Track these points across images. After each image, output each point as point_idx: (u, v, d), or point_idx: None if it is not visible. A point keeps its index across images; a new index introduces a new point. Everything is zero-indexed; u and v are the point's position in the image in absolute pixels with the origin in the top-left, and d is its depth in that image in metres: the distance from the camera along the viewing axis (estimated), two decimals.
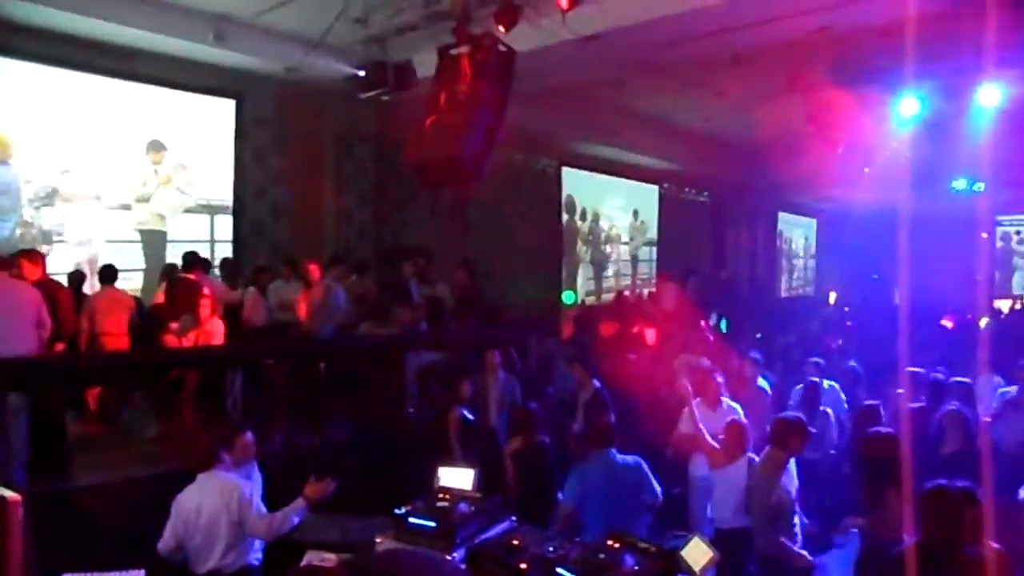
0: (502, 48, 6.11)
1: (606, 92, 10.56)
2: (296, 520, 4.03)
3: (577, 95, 10.51)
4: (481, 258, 10.83)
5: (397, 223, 10.75)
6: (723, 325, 12.55)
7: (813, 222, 22.20)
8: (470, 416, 6.20)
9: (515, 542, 2.86)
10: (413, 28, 7.79)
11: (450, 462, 4.57)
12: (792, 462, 5.07)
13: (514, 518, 3.21)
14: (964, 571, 3.43)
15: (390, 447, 6.43)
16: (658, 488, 4.89)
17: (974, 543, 3.70)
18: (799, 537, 5.02)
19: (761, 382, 7.32)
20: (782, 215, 20.07)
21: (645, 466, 4.83)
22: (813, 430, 5.74)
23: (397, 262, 9.27)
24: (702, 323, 12.54)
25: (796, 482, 5.17)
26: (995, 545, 3.79)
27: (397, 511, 3.10)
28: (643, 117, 12.15)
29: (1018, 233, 22.26)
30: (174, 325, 6.67)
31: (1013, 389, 7.47)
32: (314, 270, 7.96)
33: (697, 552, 2.65)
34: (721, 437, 5.38)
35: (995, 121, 8.95)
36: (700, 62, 9.39)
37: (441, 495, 3.26)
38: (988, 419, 6.45)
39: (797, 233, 21.85)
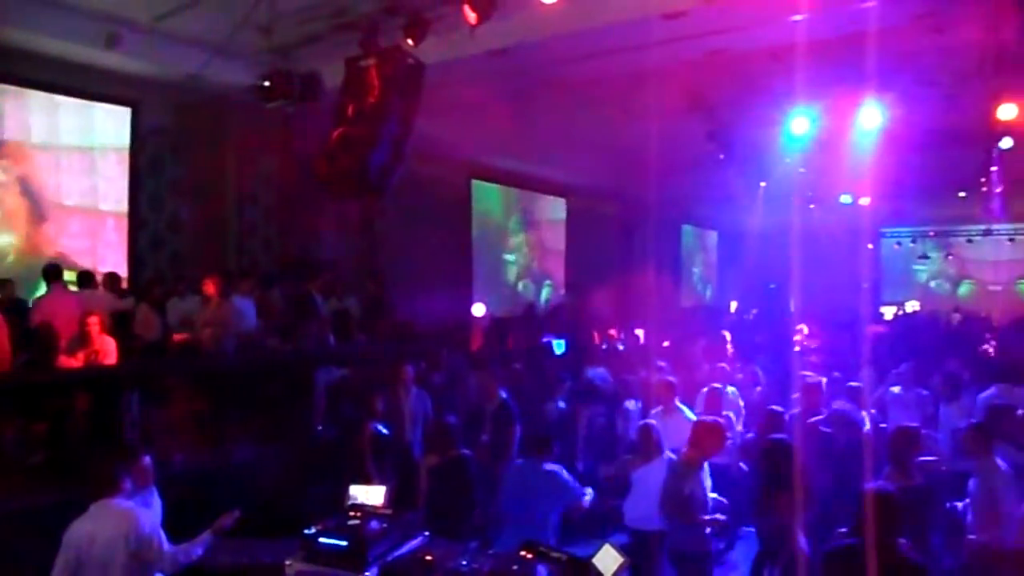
0: (410, 61, 6.12)
1: (515, 106, 10.68)
2: (200, 551, 3.86)
3: (486, 108, 10.59)
4: (390, 271, 10.73)
5: (304, 236, 10.52)
6: (638, 335, 12.86)
7: (715, 234, 23.07)
8: (384, 431, 6.12)
9: (428, 558, 2.85)
10: (320, 38, 7.68)
11: (363, 479, 4.50)
12: (707, 464, 5.33)
13: (427, 533, 3.19)
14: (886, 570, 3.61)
15: (299, 466, 6.26)
16: (586, 491, 4.95)
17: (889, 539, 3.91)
18: (710, 536, 5.23)
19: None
20: (686, 227, 20.77)
21: (563, 474, 4.87)
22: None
23: (304, 276, 9.07)
24: (612, 332, 12.84)
25: (710, 485, 5.39)
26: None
27: (306, 532, 3.02)
28: (551, 131, 12.34)
29: (899, 244, 23.80)
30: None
31: (897, 389, 8.00)
32: (210, 285, 7.64)
33: (608, 559, 2.70)
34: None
35: (877, 140, 9.57)
36: (606, 78, 9.64)
37: (352, 513, 3.21)
38: (869, 413, 6.81)
39: (700, 244, 22.66)
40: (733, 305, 20.20)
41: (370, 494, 3.58)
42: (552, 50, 8.05)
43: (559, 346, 11.24)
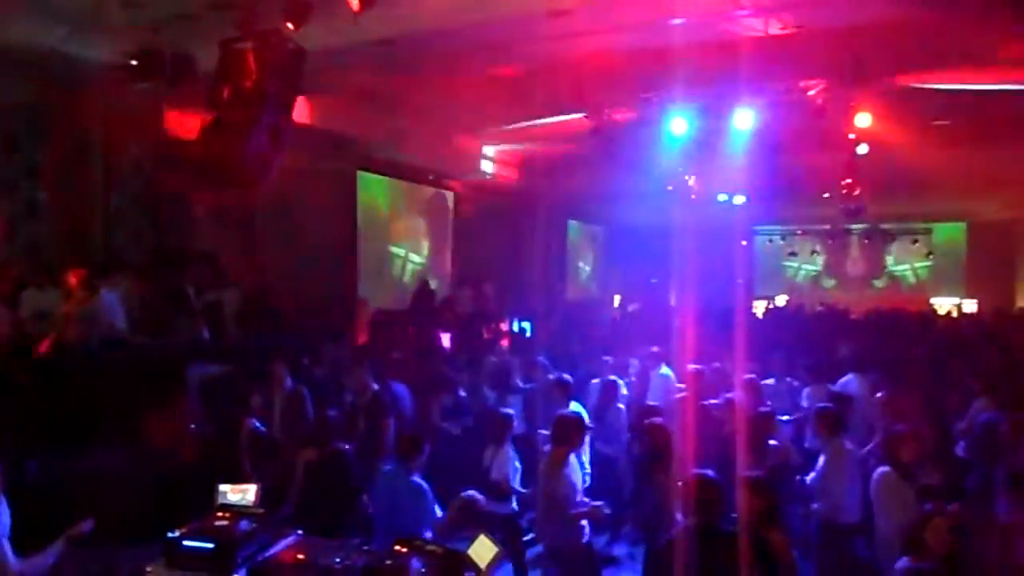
0: (291, 46, 5.91)
1: (403, 97, 10.56)
2: (51, 560, 3.60)
3: (374, 98, 10.42)
4: (271, 264, 10.38)
5: (176, 225, 9.99)
6: (526, 328, 13.01)
7: (600, 229, 23.60)
8: (262, 428, 5.93)
9: (300, 557, 2.78)
10: (194, 17, 7.30)
11: (239, 478, 4.34)
12: (573, 457, 5.42)
13: (300, 532, 3.11)
14: (726, 550, 3.80)
15: (170, 467, 5.96)
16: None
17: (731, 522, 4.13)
18: (586, 527, 5.34)
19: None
20: (572, 222, 21.14)
21: (428, 495, 4.87)
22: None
23: (177, 268, 8.63)
24: (499, 326, 12.93)
25: (583, 475, 5.52)
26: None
27: (170, 535, 2.88)
28: (440, 123, 12.28)
29: (770, 241, 25.18)
30: None
31: (771, 381, 8.46)
32: (73, 277, 7.14)
33: (483, 550, 2.72)
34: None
35: (750, 142, 10.06)
36: (494, 72, 9.68)
37: (221, 514, 3.08)
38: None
39: (586, 239, 23.13)
40: (617, 299, 20.79)
41: (241, 493, 3.45)
42: (439, 42, 8.00)
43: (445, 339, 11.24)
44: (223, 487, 3.54)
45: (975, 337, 12.46)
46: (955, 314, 19.99)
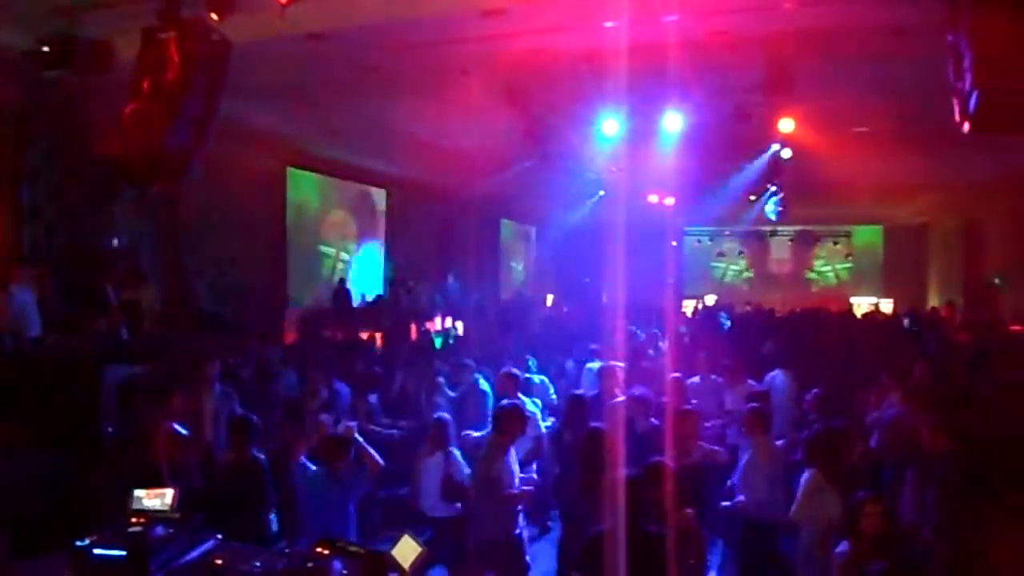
0: (215, 37, 5.74)
1: (334, 93, 10.38)
2: None
3: (304, 94, 10.21)
4: (196, 261, 10.08)
5: (94, 221, 9.60)
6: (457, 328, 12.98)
7: (533, 229, 23.72)
8: (183, 431, 5.73)
9: (218, 562, 2.69)
10: (112, 4, 7.02)
11: (158, 483, 4.20)
12: (512, 448, 5.48)
13: (219, 537, 3.01)
14: (645, 548, 3.86)
15: (84, 473, 5.71)
16: None
17: (659, 518, 4.18)
18: (520, 517, 5.44)
19: (483, 384, 7.74)
20: (505, 222, 21.19)
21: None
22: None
23: (94, 265, 8.28)
24: (430, 326, 12.86)
25: (517, 469, 5.56)
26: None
27: (78, 543, 2.75)
28: (372, 121, 12.12)
29: (699, 242, 25.78)
30: None
31: (696, 379, 8.63)
32: None
33: (407, 550, 2.69)
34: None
35: (679, 144, 10.26)
36: (428, 70, 9.59)
37: (135, 520, 2.96)
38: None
39: (519, 239, 23.21)
40: (550, 299, 20.91)
41: (156, 498, 3.32)
42: (371, 38, 7.90)
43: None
44: (138, 492, 3.40)
45: (890, 334, 13.00)
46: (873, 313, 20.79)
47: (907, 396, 6.48)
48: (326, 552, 2.57)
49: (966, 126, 3.95)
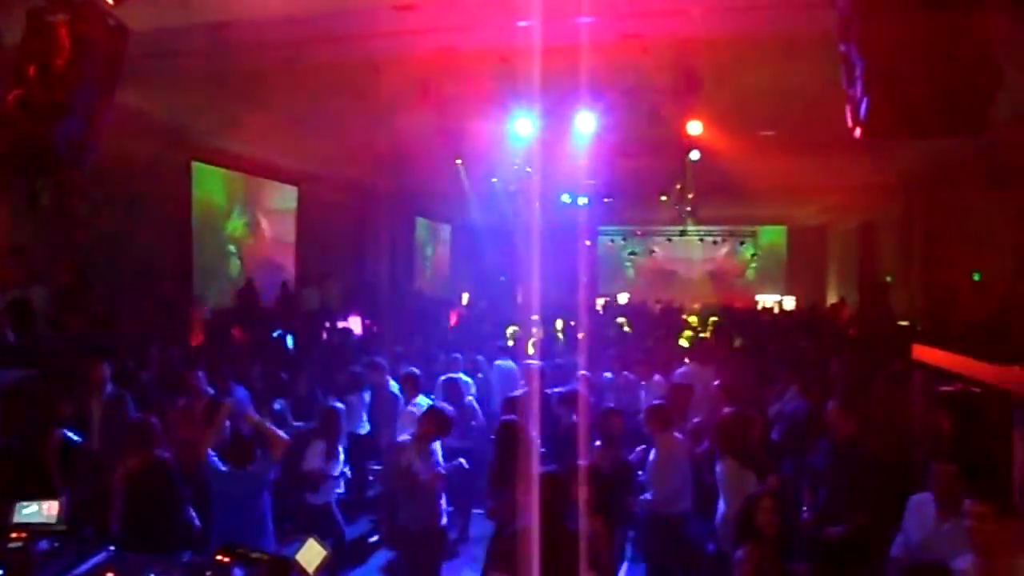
0: (111, 22, 5.44)
1: (243, 86, 10.04)
2: None
3: (211, 86, 9.84)
4: (93, 259, 9.58)
5: None
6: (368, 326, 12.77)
7: (448, 227, 23.64)
8: (75, 438, 5.44)
9: (110, 575, 2.55)
10: None
11: (47, 493, 3.95)
12: (437, 445, 5.56)
13: (112, 548, 2.86)
14: (564, 545, 3.89)
15: None
16: None
17: (575, 516, 4.22)
18: (444, 514, 5.52)
19: (392, 385, 7.70)
20: (420, 220, 21.03)
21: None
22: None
23: None
24: (343, 324, 12.63)
25: (443, 465, 5.57)
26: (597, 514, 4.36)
27: None
28: (282, 115, 11.80)
29: (612, 241, 26.27)
30: None
31: (610, 375, 8.79)
32: None
33: (311, 554, 2.62)
34: None
35: (592, 145, 10.39)
36: (338, 65, 9.40)
37: (15, 534, 2.78)
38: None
39: (434, 237, 23.09)
40: (465, 297, 20.89)
41: (40, 510, 3.11)
42: (279, 29, 7.68)
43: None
44: (19, 504, 3.18)
45: (791, 330, 13.56)
46: (776, 310, 21.68)
47: (804, 389, 6.76)
48: (226, 560, 2.48)
49: (858, 131, 4.12)
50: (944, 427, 5.35)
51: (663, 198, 16.22)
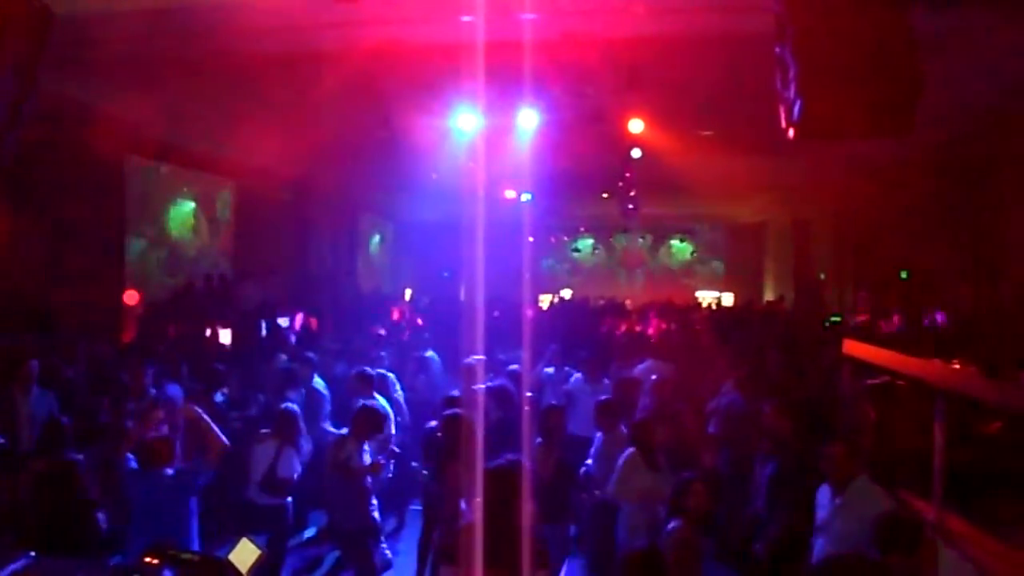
0: (34, 3, 5.21)
1: (180, 77, 9.75)
2: None
3: (146, 76, 9.53)
4: (17, 252, 9.22)
5: None
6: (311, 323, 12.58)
7: (391, 223, 23.46)
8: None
9: None
10: None
11: None
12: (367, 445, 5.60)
13: (33, 554, 2.74)
14: (508, 539, 3.90)
15: None
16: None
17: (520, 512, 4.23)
18: (376, 509, 5.58)
19: (317, 382, 7.62)
20: (363, 216, 20.80)
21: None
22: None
23: None
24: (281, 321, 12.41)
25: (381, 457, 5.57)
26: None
27: None
28: (221, 108, 11.50)
29: (555, 238, 26.46)
30: None
31: (551, 370, 8.85)
32: None
33: (245, 553, 2.57)
34: None
35: (535, 141, 10.43)
36: (278, 56, 9.21)
37: None
38: (530, 394, 7.44)
39: (377, 233, 22.88)
40: (408, 293, 20.75)
41: None
42: (218, 17, 7.49)
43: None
44: None
45: (728, 326, 13.86)
46: (715, 306, 22.13)
47: (739, 384, 6.92)
48: (155, 562, 2.40)
49: (791, 132, 4.23)
50: (871, 418, 5.55)
51: (605, 195, 16.39)
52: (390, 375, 8.12)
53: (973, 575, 3.82)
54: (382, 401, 7.05)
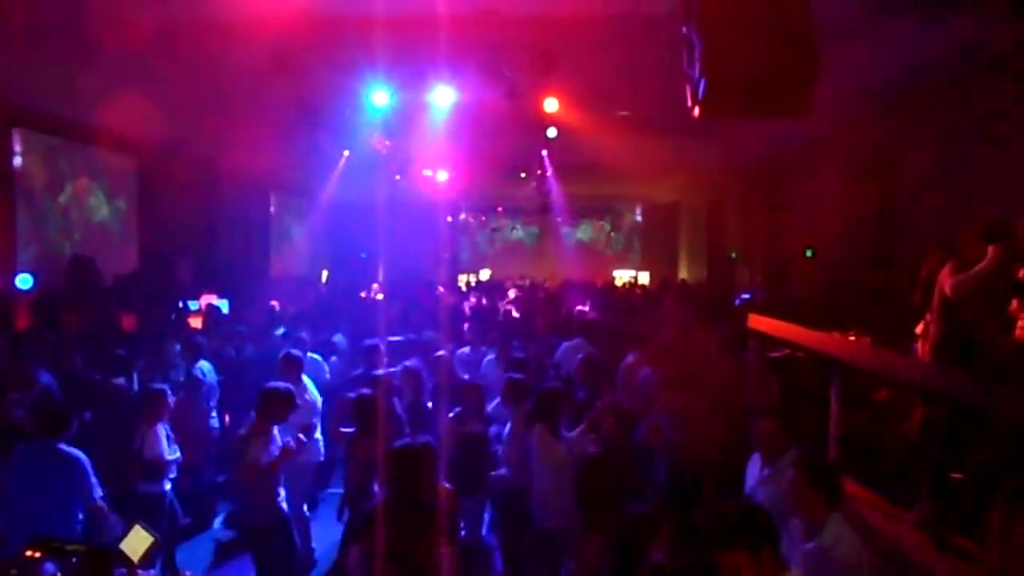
0: None
1: (71, 46, 9.18)
2: None
3: (32, 44, 8.93)
4: None
5: None
6: (224, 305, 12.18)
7: (306, 202, 22.89)
8: None
9: None
10: None
11: None
12: (276, 430, 5.42)
13: None
14: (419, 518, 3.89)
15: None
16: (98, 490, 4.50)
17: (430, 489, 4.22)
18: (283, 498, 5.38)
19: (204, 364, 7.58)
20: (275, 194, 20.19)
21: (84, 463, 4.40)
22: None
23: None
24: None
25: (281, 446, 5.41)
26: (447, 485, 4.40)
27: None
28: (120, 81, 10.89)
29: (473, 218, 26.42)
30: None
31: (467, 349, 8.85)
32: None
33: (137, 541, 2.47)
34: None
35: (451, 119, 10.34)
36: (184, 27, 8.77)
37: None
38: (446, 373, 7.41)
39: (291, 212, 22.29)
40: (324, 274, 20.36)
41: None
42: None
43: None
44: None
45: (643, 303, 14.18)
46: (629, 286, 22.59)
47: (649, 358, 7.09)
48: (37, 555, 2.27)
49: (696, 111, 4.31)
50: (774, 389, 5.76)
51: (522, 175, 16.43)
52: (314, 357, 7.97)
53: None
54: (309, 385, 6.92)
